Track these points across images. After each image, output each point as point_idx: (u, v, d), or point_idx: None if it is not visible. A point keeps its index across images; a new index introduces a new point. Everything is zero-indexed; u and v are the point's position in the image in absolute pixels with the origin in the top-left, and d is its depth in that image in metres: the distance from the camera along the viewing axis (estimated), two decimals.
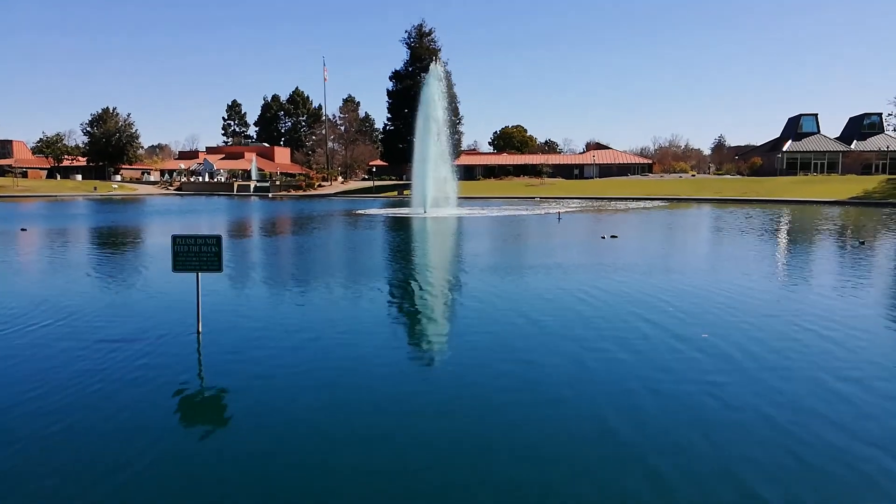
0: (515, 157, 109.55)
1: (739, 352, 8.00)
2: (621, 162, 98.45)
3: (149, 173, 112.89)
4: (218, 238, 8.92)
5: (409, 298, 12.18)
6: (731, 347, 8.20)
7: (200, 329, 8.96)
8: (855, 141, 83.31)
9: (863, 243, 22.30)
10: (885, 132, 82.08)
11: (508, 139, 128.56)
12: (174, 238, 9.00)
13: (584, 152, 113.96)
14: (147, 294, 12.31)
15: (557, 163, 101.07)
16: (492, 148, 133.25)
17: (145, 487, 4.62)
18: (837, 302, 11.59)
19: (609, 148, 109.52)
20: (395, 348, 8.52)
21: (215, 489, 4.62)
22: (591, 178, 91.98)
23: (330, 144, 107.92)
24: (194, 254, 8.90)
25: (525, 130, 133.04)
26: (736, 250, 20.77)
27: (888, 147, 78.12)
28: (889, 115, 79.61)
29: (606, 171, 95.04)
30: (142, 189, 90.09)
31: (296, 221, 35.93)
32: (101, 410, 6.07)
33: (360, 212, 44.12)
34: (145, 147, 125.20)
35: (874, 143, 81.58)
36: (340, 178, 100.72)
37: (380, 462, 4.99)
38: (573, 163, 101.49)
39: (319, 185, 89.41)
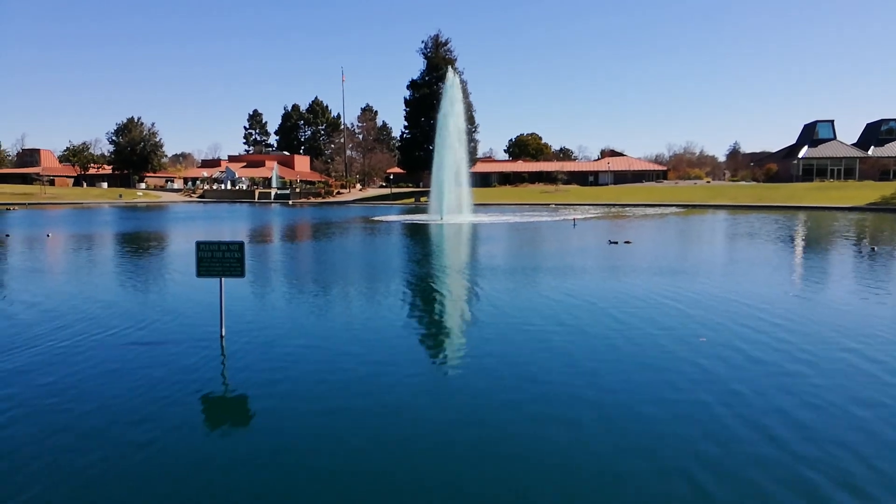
0: (530, 164, 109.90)
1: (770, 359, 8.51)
2: (636, 169, 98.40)
3: (172, 181, 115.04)
4: (241, 244, 9.21)
5: (426, 304, 12.64)
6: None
7: (224, 333, 9.27)
8: (872, 147, 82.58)
9: (874, 249, 22.50)
10: None
11: (524, 146, 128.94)
12: (198, 244, 9.23)
13: (598, 159, 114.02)
14: (171, 299, 12.76)
15: (572, 170, 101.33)
16: (507, 155, 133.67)
17: (167, 487, 4.80)
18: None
19: (624, 155, 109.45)
20: (412, 354, 8.83)
21: (236, 490, 4.76)
22: (606, 184, 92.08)
23: (348, 152, 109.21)
24: (218, 260, 9.16)
25: (540, 138, 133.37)
26: (750, 256, 21.05)
27: None
28: None
29: (621, 177, 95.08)
30: (166, 196, 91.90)
31: (315, 228, 36.71)
32: (126, 412, 6.32)
33: (377, 218, 44.85)
34: (169, 155, 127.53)
35: (892, 149, 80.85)
36: (359, 186, 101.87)
37: (396, 467, 5.12)
38: (588, 170, 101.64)
39: (338, 193, 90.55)
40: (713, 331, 9.66)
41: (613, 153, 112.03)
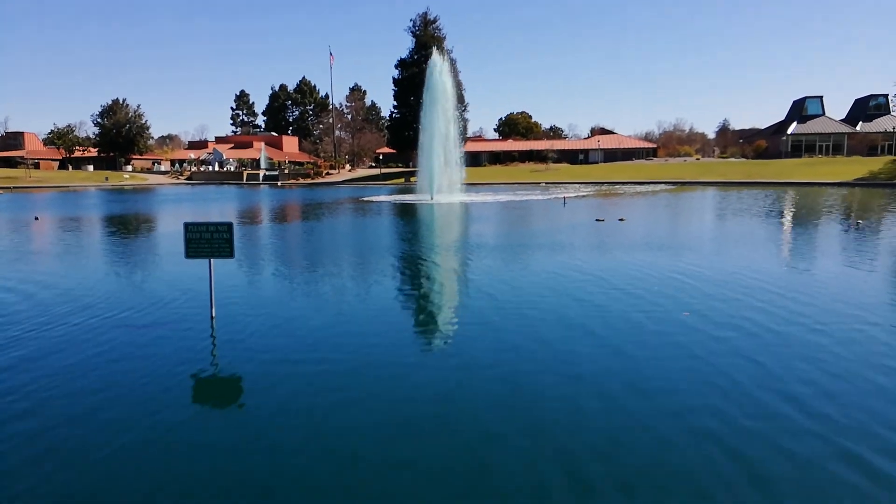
0: (521, 143, 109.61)
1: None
2: (626, 147, 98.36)
3: (159, 163, 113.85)
4: (229, 225, 9.15)
5: (420, 283, 12.64)
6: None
7: (214, 314, 9.25)
8: (860, 122, 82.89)
9: (859, 224, 22.72)
10: (891, 113, 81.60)
11: (514, 125, 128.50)
12: (186, 225, 9.17)
13: (588, 137, 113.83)
14: (161, 280, 12.66)
15: (562, 148, 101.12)
16: (497, 134, 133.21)
17: (160, 471, 4.76)
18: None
19: (614, 133, 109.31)
20: (407, 333, 8.87)
21: (229, 473, 4.74)
22: (596, 162, 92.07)
23: (337, 133, 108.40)
24: (206, 241, 9.11)
25: (530, 116, 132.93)
26: (738, 232, 21.19)
27: (894, 128, 77.66)
28: (895, 95, 79.12)
29: (611, 155, 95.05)
30: (153, 179, 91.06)
31: (305, 209, 36.55)
32: (116, 396, 6.28)
33: (367, 199, 44.70)
34: (155, 137, 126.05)
35: (880, 125, 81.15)
36: (348, 166, 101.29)
37: (395, 447, 5.11)
38: (578, 148, 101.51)
39: (327, 174, 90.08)
40: (718, 302, 9.75)
41: (604, 131, 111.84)
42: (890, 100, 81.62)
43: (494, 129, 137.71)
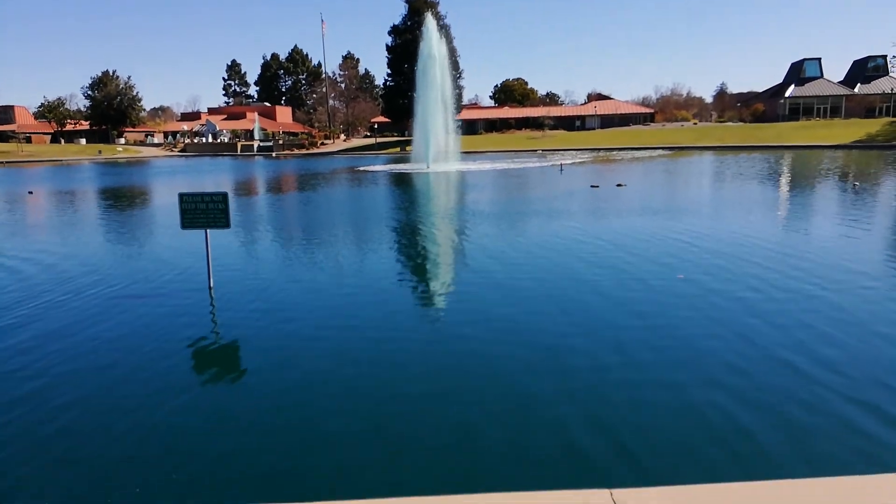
0: (517, 110, 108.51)
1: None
2: (623, 112, 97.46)
3: (152, 136, 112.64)
4: (224, 195, 9.14)
5: (416, 251, 12.67)
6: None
7: (212, 284, 9.30)
8: (859, 84, 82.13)
9: (856, 186, 22.75)
10: (890, 74, 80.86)
11: (509, 92, 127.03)
12: (181, 196, 9.16)
13: (585, 103, 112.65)
14: (158, 252, 12.70)
15: (559, 115, 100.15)
16: (493, 102, 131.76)
17: (166, 437, 4.80)
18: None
19: (611, 98, 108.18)
20: (401, 301, 8.93)
21: (233, 438, 4.78)
22: (593, 129, 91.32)
23: (331, 102, 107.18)
24: (202, 211, 9.12)
25: (526, 83, 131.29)
26: (734, 197, 21.20)
27: (892, 89, 77.09)
28: (894, 56, 78.36)
29: (608, 121, 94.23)
30: (146, 151, 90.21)
31: (300, 179, 36.37)
32: (120, 364, 6.33)
33: (362, 168, 44.45)
34: (147, 110, 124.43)
35: (878, 86, 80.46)
36: (343, 136, 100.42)
37: (396, 415, 5.08)
38: (575, 114, 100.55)
39: (322, 144, 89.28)
40: (723, 261, 9.82)
41: (600, 97, 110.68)
42: (888, 61, 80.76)
43: (490, 97, 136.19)
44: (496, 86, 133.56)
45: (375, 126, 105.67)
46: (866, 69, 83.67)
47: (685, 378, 5.62)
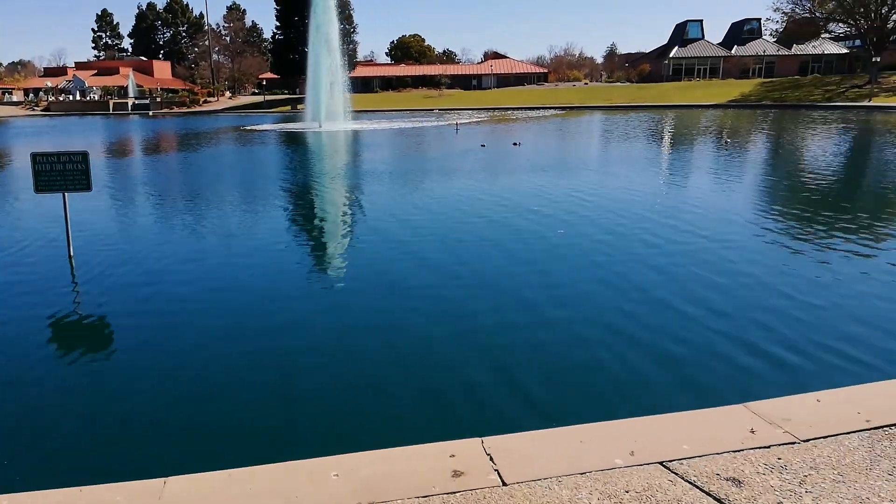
0: (413, 67, 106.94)
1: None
2: (519, 72, 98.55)
3: (10, 93, 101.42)
4: (84, 154, 8.43)
5: (305, 212, 12.19)
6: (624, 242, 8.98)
7: (72, 253, 8.54)
8: (735, 46, 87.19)
9: (728, 143, 24.23)
10: (763, 37, 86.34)
11: (406, 49, 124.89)
12: (34, 156, 8.41)
13: (482, 62, 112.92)
14: (10, 219, 11.60)
15: (456, 73, 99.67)
16: (389, 59, 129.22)
17: (32, 417, 4.42)
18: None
19: (507, 57, 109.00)
20: (288, 263, 8.48)
21: (101, 414, 4.45)
22: (490, 88, 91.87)
23: (215, 57, 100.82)
24: (58, 172, 8.35)
25: (423, 40, 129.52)
26: (623, 155, 21.93)
27: (765, 52, 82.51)
28: (767, 20, 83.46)
29: (504, 81, 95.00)
30: (3, 111, 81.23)
31: (180, 139, 33.96)
32: None
33: (249, 128, 42.22)
34: (4, 64, 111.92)
35: (752, 48, 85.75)
36: (228, 94, 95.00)
37: (275, 380, 4.90)
38: (472, 73, 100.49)
39: (205, 102, 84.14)
40: (614, 215, 9.94)
41: (497, 55, 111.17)
42: (763, 24, 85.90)
43: (386, 54, 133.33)
44: (392, 42, 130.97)
45: (264, 83, 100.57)
46: (742, 31, 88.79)
47: (583, 326, 5.76)
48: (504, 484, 2.75)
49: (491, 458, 2.96)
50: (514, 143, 24.92)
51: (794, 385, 4.17)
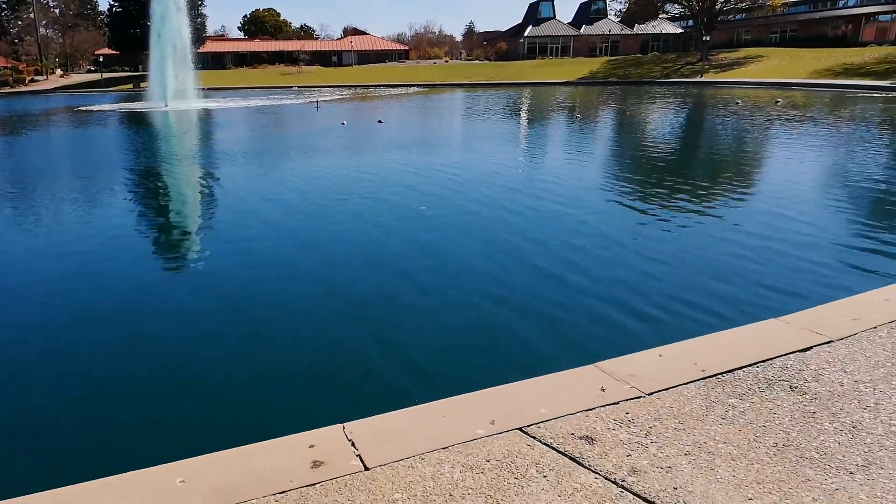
0: (269, 43, 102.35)
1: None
2: (379, 49, 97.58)
3: None
4: None
5: (149, 198, 11.28)
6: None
7: None
8: (584, 26, 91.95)
9: (579, 118, 25.66)
10: (609, 17, 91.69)
11: (260, 24, 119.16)
12: None
13: (342, 38, 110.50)
14: None
15: (315, 49, 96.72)
16: (242, 34, 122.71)
17: None
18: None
19: (367, 34, 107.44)
20: (146, 251, 7.92)
21: None
22: (350, 65, 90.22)
23: (42, 31, 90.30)
24: None
25: (278, 14, 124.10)
26: (485, 131, 22.43)
27: (610, 31, 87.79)
28: (612, 0, 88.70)
29: (365, 57, 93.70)
30: None
31: (0, 123, 30.16)
32: None
33: (86, 108, 38.33)
34: None
35: (599, 28, 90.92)
36: (59, 72, 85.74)
37: (129, 371, 4.66)
38: (331, 49, 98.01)
39: (32, 81, 75.42)
40: (484, 189, 10.04)
41: (357, 32, 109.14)
42: (608, 4, 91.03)
43: (239, 28, 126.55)
44: (245, 16, 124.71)
45: (101, 59, 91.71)
46: (590, 11, 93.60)
47: (461, 294, 5.93)
48: (366, 469, 2.66)
49: (353, 444, 2.85)
50: (378, 121, 24.68)
51: (640, 342, 4.44)
